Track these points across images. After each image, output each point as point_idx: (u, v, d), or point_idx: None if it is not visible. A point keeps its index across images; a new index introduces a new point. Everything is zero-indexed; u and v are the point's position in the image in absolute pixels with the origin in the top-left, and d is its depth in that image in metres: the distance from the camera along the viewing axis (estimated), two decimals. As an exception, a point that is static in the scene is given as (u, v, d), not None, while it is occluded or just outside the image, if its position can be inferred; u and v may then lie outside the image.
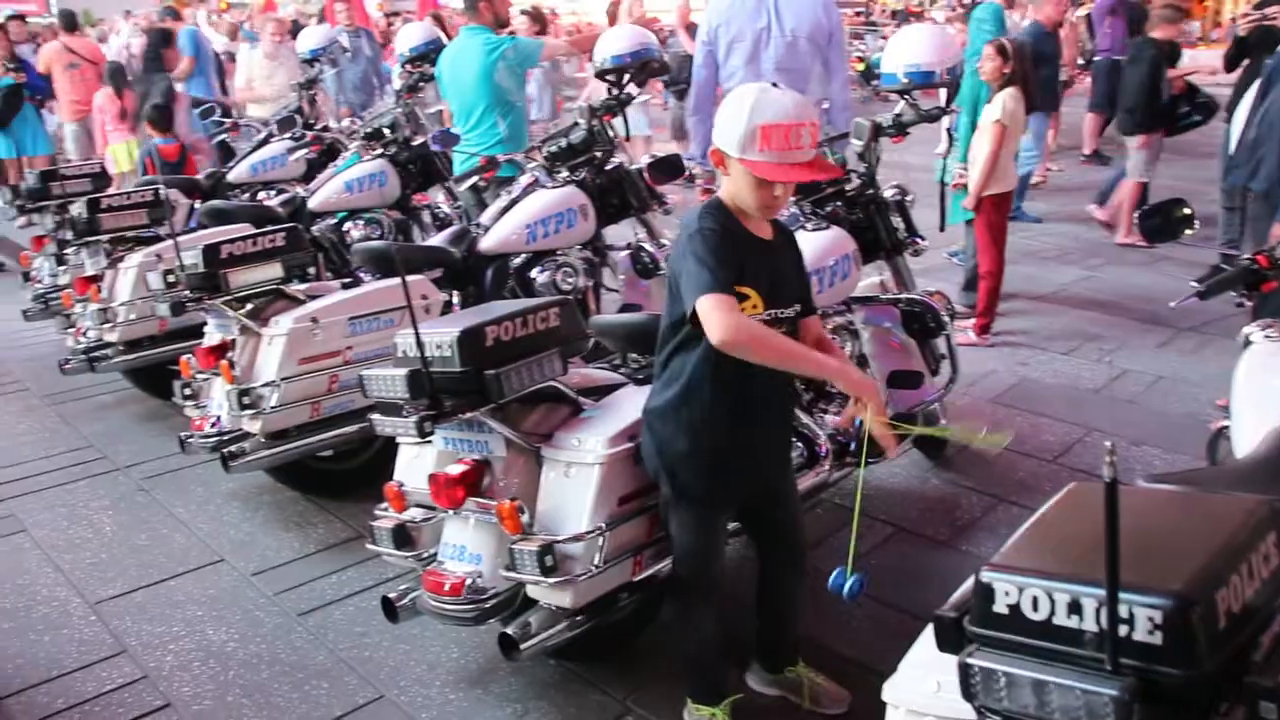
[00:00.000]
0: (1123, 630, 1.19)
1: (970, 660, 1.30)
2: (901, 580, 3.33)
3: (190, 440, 3.78)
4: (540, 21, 8.82)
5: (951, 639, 1.38)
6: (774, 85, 2.26)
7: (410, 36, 5.86)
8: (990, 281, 5.48)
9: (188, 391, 3.92)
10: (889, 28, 20.99)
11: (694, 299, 2.17)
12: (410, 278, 2.93)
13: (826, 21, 4.49)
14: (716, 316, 2.14)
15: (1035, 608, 1.28)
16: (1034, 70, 5.70)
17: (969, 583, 1.65)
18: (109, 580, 3.57)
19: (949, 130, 5.71)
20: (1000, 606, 1.31)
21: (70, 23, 10.19)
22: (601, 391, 2.75)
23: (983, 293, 5.51)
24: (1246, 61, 6.42)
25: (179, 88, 9.26)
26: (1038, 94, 5.78)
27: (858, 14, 23.38)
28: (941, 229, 4.63)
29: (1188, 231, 2.89)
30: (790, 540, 2.65)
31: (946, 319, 3.72)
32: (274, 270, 3.68)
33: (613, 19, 8.64)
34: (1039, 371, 5.15)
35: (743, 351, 2.17)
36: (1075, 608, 1.24)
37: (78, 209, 4.94)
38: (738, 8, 4.52)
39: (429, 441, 2.58)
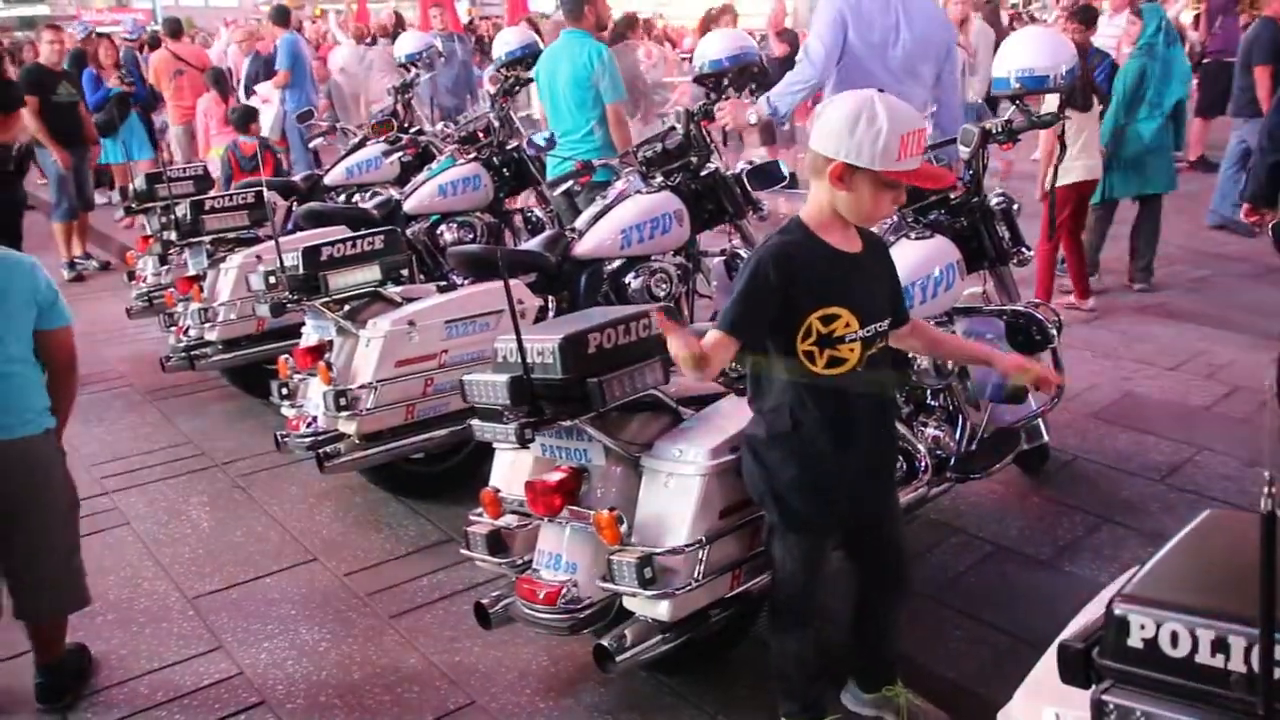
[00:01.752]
0: (1277, 672, 1.13)
1: (1106, 697, 1.25)
2: (1002, 600, 3.24)
3: (286, 439, 3.84)
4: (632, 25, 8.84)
5: (1078, 671, 1.33)
6: (880, 91, 2.23)
7: (507, 41, 5.93)
8: (1073, 256, 5.93)
9: (285, 391, 4.00)
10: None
11: (717, 323, 2.25)
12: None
13: (945, 32, 4.38)
14: (704, 348, 2.21)
15: (1175, 644, 1.23)
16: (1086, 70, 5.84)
17: (1090, 611, 1.60)
18: (206, 575, 3.66)
19: (1060, 137, 5.61)
20: (1135, 641, 1.26)
21: (175, 30, 10.55)
22: (702, 401, 2.73)
23: (1074, 270, 5.95)
24: None
25: (275, 97, 9.54)
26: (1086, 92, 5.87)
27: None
28: (1050, 238, 4.51)
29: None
30: (892, 559, 2.59)
31: (1053, 332, 3.62)
32: (372, 272, 3.74)
33: (703, 29, 8.65)
34: (1144, 387, 4.99)
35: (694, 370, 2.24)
36: (1221, 646, 1.19)
37: (182, 210, 5.09)
38: (869, 3, 4.19)
39: (526, 448, 2.58)
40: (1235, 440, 4.32)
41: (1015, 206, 3.75)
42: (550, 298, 4.27)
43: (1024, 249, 3.73)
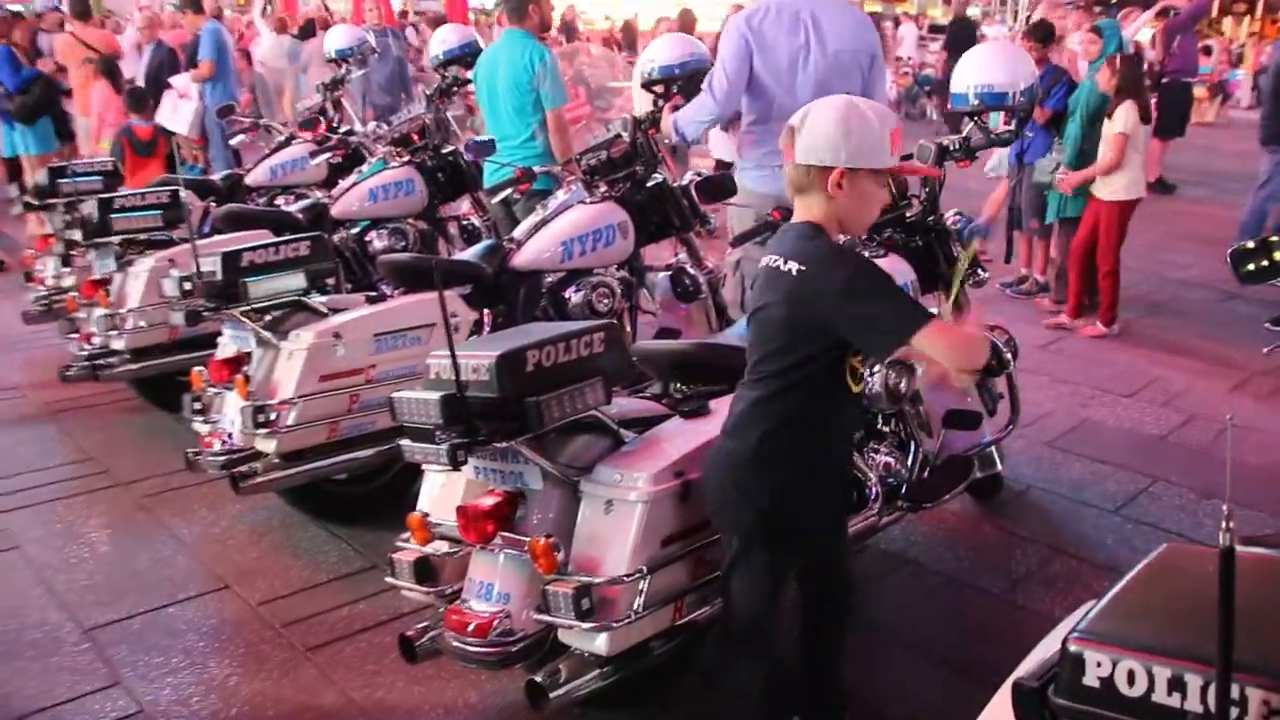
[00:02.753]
0: (1233, 712, 1.16)
1: (1061, 738, 1.27)
2: (954, 634, 3.29)
3: (198, 457, 3.77)
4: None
5: (1033, 710, 1.35)
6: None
7: (444, 38, 5.91)
8: (1112, 280, 6.19)
9: (197, 405, 3.92)
10: (935, 43, 21.04)
11: (909, 332, 2.16)
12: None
13: (868, 40, 4.26)
14: (951, 339, 2.20)
15: (1131, 682, 1.25)
16: (1141, 83, 6.28)
17: (1045, 647, 1.63)
18: (105, 604, 3.57)
19: (1018, 155, 5.81)
20: (1091, 679, 1.28)
21: (83, 11, 10.11)
22: (644, 423, 2.73)
23: (1106, 291, 6.22)
24: None
25: (194, 91, 9.39)
26: (1149, 108, 6.27)
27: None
28: (1007, 260, 4.61)
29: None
30: (842, 586, 2.62)
31: (1008, 356, 3.69)
32: (296, 280, 3.70)
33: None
34: (1100, 414, 5.11)
35: (987, 352, 2.31)
36: (1178, 685, 1.21)
37: (88, 208, 4.98)
38: (771, 19, 4.18)
39: (458, 470, 2.56)
40: (1191, 471, 4.44)
41: (975, 224, 3.83)
42: (486, 311, 4.24)
43: (979, 270, 3.80)
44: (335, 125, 6.50)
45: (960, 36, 12.05)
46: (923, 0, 28.26)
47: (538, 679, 2.43)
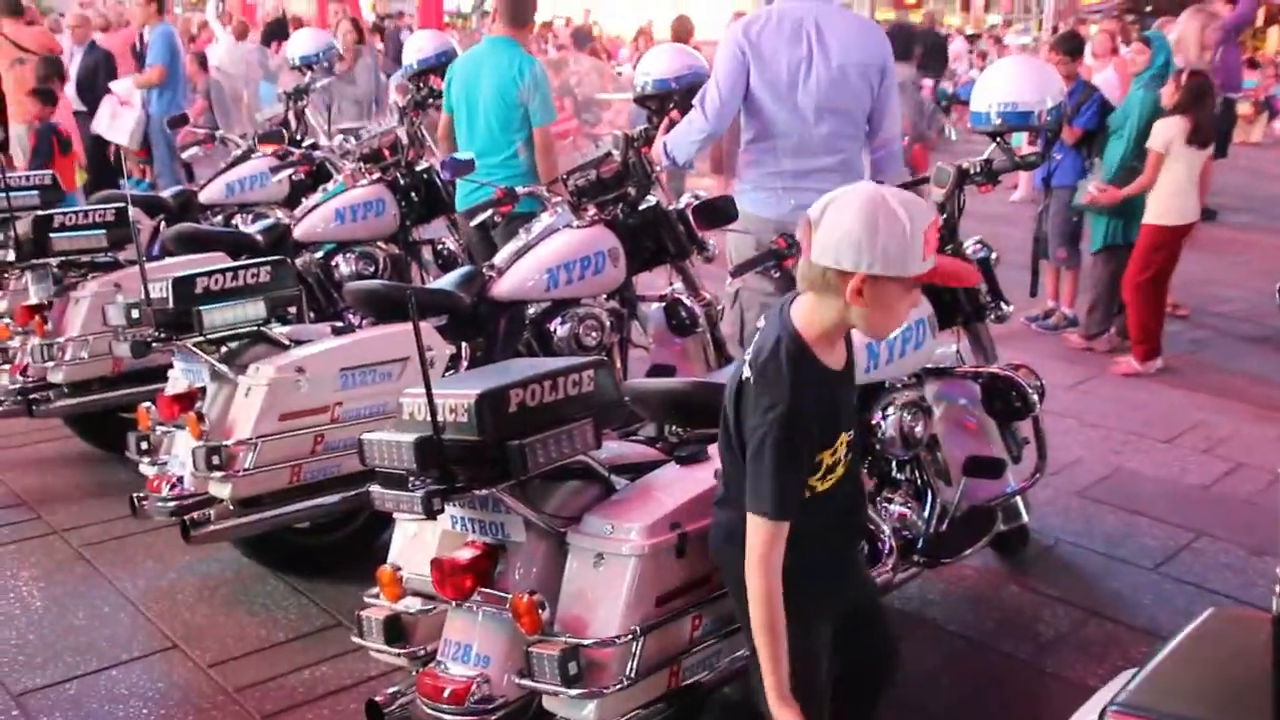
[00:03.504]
0: (1287, 794, 1.16)
1: (1101, 819, 1.28)
2: (976, 704, 3.29)
3: (144, 502, 3.76)
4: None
5: (1067, 790, 1.36)
6: (878, 183, 2.33)
7: (420, 46, 5.96)
8: (1134, 311, 6.32)
9: (144, 445, 3.92)
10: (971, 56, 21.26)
11: (753, 505, 2.22)
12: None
13: (878, 51, 4.24)
14: (762, 548, 2.20)
15: (1175, 759, 1.26)
16: (1204, 101, 6.34)
17: (1082, 718, 1.63)
18: (37, 667, 3.55)
19: (1045, 179, 5.86)
20: (1131, 756, 1.29)
21: (14, 8, 9.89)
22: (637, 469, 2.75)
23: (1133, 322, 6.35)
24: None
25: (137, 98, 9.43)
26: (1205, 129, 6.33)
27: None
28: (1033, 293, 4.64)
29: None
30: (885, 653, 2.66)
31: (1034, 398, 3.71)
32: (255, 309, 3.71)
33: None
34: (1135, 462, 5.13)
35: (754, 595, 2.22)
36: (1227, 763, 1.22)
37: (23, 226, 4.98)
38: (771, 29, 4.19)
39: (434, 519, 2.56)
40: (1238, 525, 4.45)
41: (993, 256, 3.86)
42: (464, 345, 4.27)
43: (1003, 304, 3.84)
44: (298, 138, 6.54)
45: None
46: (937, 9, 28.58)
47: (519, 751, 2.42)
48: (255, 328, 3.76)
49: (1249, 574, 4.04)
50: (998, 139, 3.57)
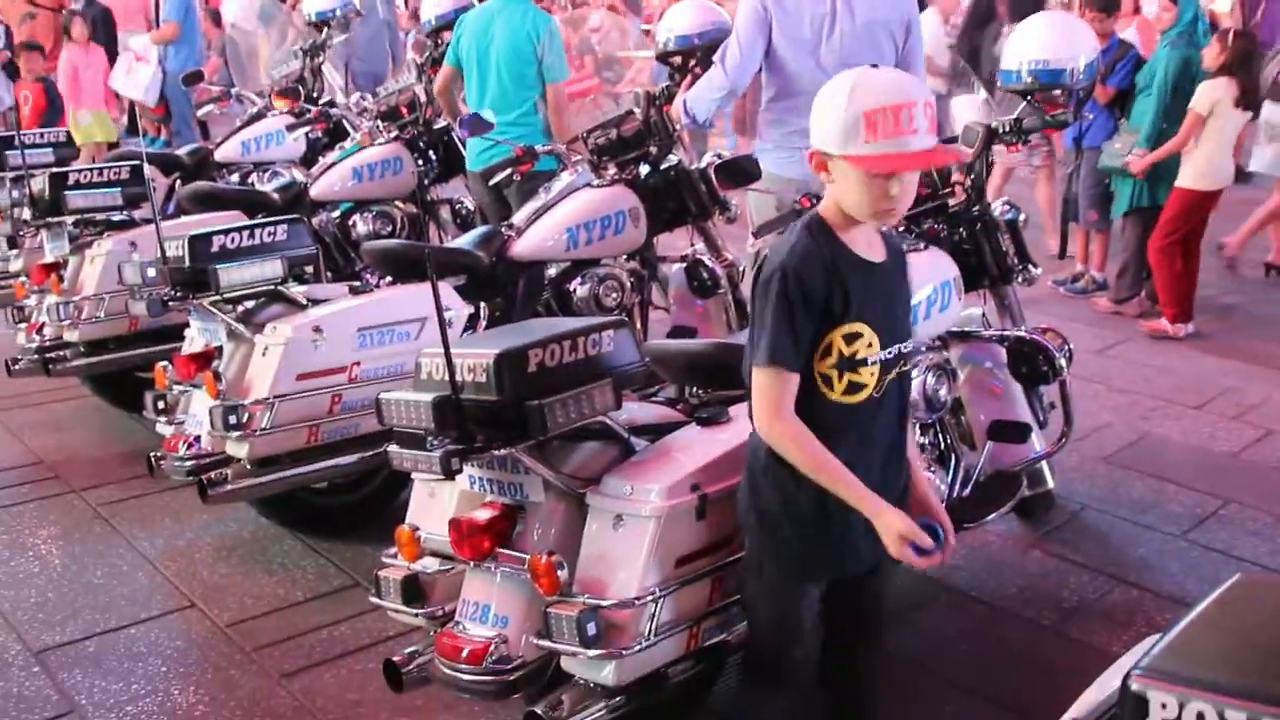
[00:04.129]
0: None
1: (1123, 786, 1.28)
2: (999, 670, 3.30)
3: (162, 462, 3.79)
4: None
5: (1090, 756, 1.37)
6: (873, 67, 2.27)
7: (438, 1, 5.93)
8: (1160, 274, 6.28)
9: (161, 405, 3.95)
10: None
11: (750, 364, 2.24)
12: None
13: (904, 6, 4.25)
14: (765, 398, 2.22)
15: (1201, 727, 1.26)
16: (1252, 63, 6.32)
17: (1101, 686, 1.64)
18: (57, 624, 3.59)
19: (1076, 139, 5.80)
20: (1156, 721, 1.29)
21: None
22: (657, 430, 2.75)
23: (1160, 285, 6.32)
24: None
25: (153, 54, 9.42)
26: (1253, 92, 6.32)
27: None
28: (1061, 255, 4.61)
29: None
30: (873, 613, 2.62)
31: (1062, 362, 3.70)
32: (273, 268, 3.72)
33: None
34: (1164, 428, 5.11)
35: (780, 447, 2.24)
36: (1253, 729, 1.22)
37: (38, 184, 5.00)
38: None
39: (452, 479, 2.58)
40: (1267, 492, 4.44)
41: (1022, 218, 3.84)
42: (482, 304, 4.27)
43: (1030, 266, 3.82)
44: (314, 96, 6.53)
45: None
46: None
47: (538, 711, 2.44)
48: (272, 287, 3.78)
49: (1277, 541, 4.03)
50: (1029, 97, 3.54)
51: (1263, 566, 3.86)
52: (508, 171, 4.76)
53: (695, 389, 3.11)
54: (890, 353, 2.29)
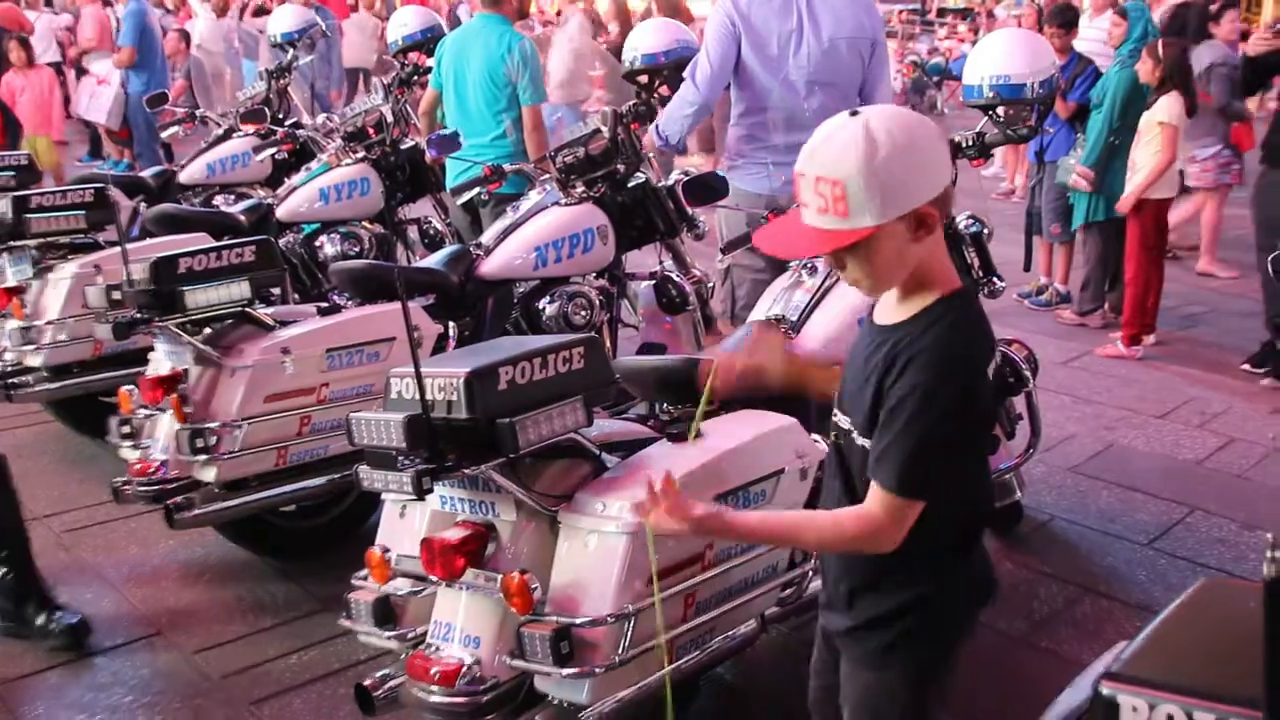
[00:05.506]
0: (1282, 761, 1.18)
1: (1095, 792, 1.29)
2: (969, 682, 3.28)
3: (126, 488, 3.75)
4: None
5: (1062, 760, 1.38)
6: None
7: (405, 22, 5.94)
8: (1136, 289, 6.22)
9: (126, 429, 3.90)
10: (943, 29, 21.26)
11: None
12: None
13: (869, 24, 4.27)
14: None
15: (1170, 729, 1.27)
16: (1191, 75, 6.38)
17: (1073, 693, 1.65)
18: (16, 656, 3.54)
19: (1038, 153, 5.86)
20: (1125, 728, 1.30)
21: None
22: (628, 447, 2.75)
23: (1132, 302, 6.24)
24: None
25: (115, 77, 9.37)
26: (1195, 101, 6.33)
27: (911, 11, 23.63)
28: (1026, 268, 4.66)
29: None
30: None
31: (1027, 373, 3.74)
32: (240, 290, 3.70)
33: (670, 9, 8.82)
34: (1129, 437, 5.16)
35: None
36: (1221, 731, 1.24)
37: (0, 206, 4.96)
38: (759, 5, 4.22)
39: (423, 500, 2.57)
40: (1231, 500, 4.50)
41: (986, 231, 3.87)
42: (451, 324, 4.27)
43: (995, 279, 3.85)
44: (281, 117, 6.52)
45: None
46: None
47: (511, 733, 2.43)
48: (239, 308, 3.75)
49: (1241, 548, 4.08)
50: (990, 112, 3.58)
51: (1228, 573, 3.91)
52: (475, 190, 4.77)
53: (665, 405, 3.11)
54: (836, 415, 2.09)
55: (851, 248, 1.86)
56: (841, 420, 2.06)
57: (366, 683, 2.69)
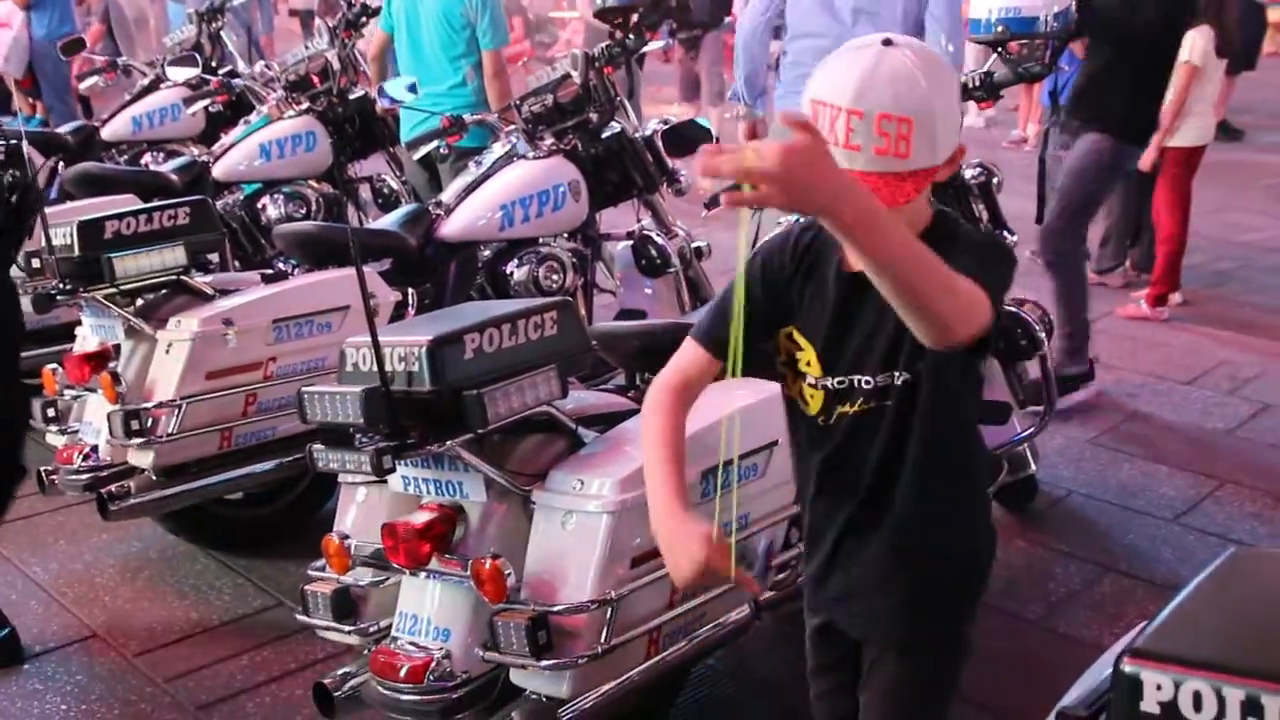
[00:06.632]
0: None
1: (1120, 773, 1.32)
2: (982, 669, 3.32)
3: (53, 477, 3.77)
4: None
5: (1083, 744, 1.41)
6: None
7: (353, -42, 5.91)
8: (1171, 246, 6.33)
9: (51, 412, 3.92)
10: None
11: None
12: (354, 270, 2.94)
13: None
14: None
15: (1198, 707, 1.30)
16: (1231, 8, 6.37)
17: (1094, 674, 1.69)
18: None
19: (1052, 93, 5.86)
20: (1150, 704, 1.33)
21: None
22: (607, 420, 2.78)
23: (1161, 259, 6.36)
24: None
25: (18, 20, 9.27)
26: (1234, 38, 6.38)
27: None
28: (1039, 221, 4.69)
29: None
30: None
31: (1041, 335, 3.77)
32: (175, 256, 3.70)
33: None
34: (1153, 405, 5.21)
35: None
36: (1254, 708, 1.26)
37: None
38: None
39: (384, 481, 2.59)
40: (1265, 471, 4.55)
41: (995, 180, 3.90)
42: (410, 290, 4.28)
43: (1005, 232, 3.88)
44: (214, 65, 6.48)
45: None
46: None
47: (486, 731, 2.47)
48: (174, 277, 3.75)
49: (1276, 523, 4.14)
50: (999, 49, 3.60)
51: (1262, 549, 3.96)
52: (434, 144, 4.77)
53: (647, 374, 3.14)
54: (829, 383, 2.01)
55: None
56: (863, 382, 1.98)
57: (326, 681, 2.72)
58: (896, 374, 1.95)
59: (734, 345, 1.67)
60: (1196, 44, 6.14)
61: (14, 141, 4.83)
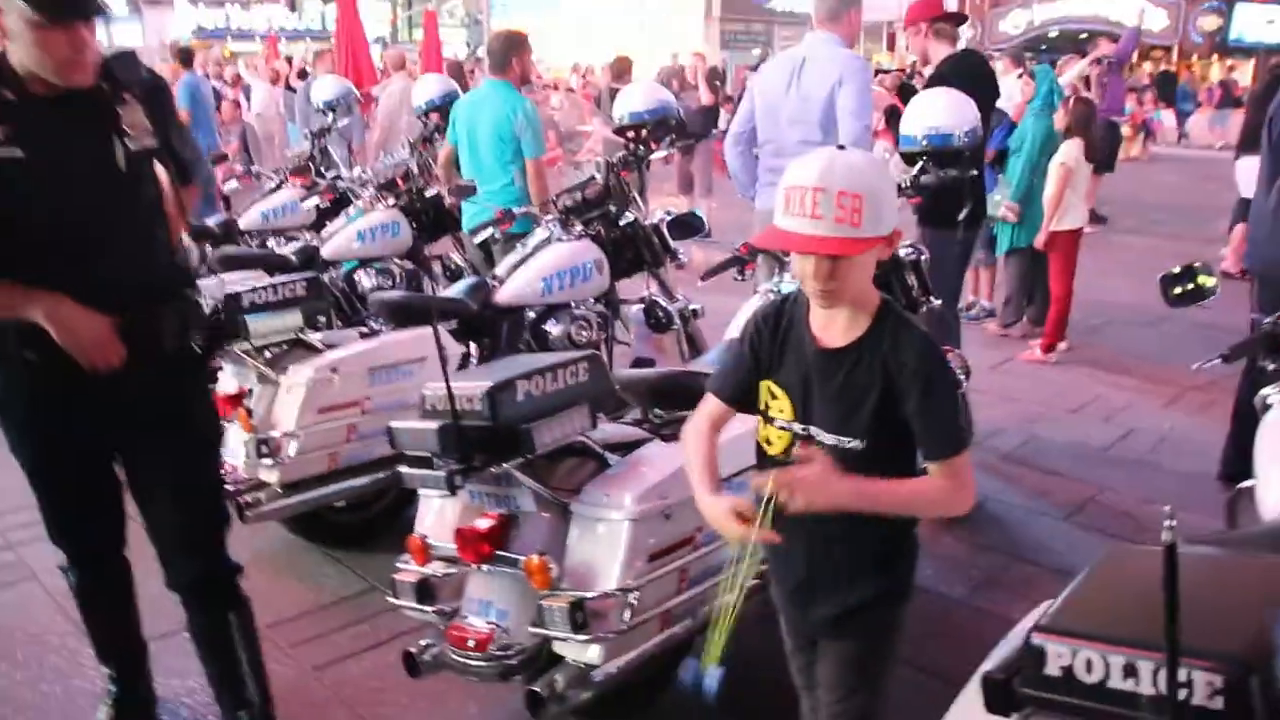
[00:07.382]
0: (1182, 693, 1.21)
1: (1028, 724, 1.32)
2: (919, 638, 3.31)
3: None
4: None
5: (1001, 699, 1.41)
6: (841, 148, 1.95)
7: (428, 88, 5.95)
8: (1060, 305, 6.34)
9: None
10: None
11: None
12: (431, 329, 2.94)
13: (830, 80, 4.32)
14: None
15: (1089, 670, 1.30)
16: (1090, 124, 6.51)
17: (1009, 643, 1.68)
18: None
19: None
20: (1052, 669, 1.32)
21: None
22: (627, 447, 2.77)
23: (1054, 317, 6.36)
24: None
25: None
26: (1098, 149, 6.54)
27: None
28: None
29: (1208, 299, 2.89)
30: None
31: (961, 378, 3.77)
32: (294, 319, 3.71)
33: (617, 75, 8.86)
34: (1047, 429, 5.20)
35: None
36: (1131, 671, 1.26)
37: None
38: (774, 64, 4.68)
39: (454, 494, 2.59)
40: (1133, 479, 4.53)
41: (923, 257, 3.91)
42: (473, 344, 4.28)
43: (931, 299, 3.89)
44: (323, 170, 6.53)
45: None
46: (869, 48, 28.50)
47: (536, 689, 2.45)
48: (294, 335, 3.77)
49: (1142, 520, 4.12)
50: (923, 158, 3.62)
51: (1132, 540, 3.93)
52: (490, 230, 4.78)
53: (657, 410, 3.14)
54: (799, 428, 1.97)
55: (846, 257, 1.83)
56: (821, 436, 1.94)
57: (412, 649, 2.71)
58: (847, 440, 1.92)
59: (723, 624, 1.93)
60: (1070, 151, 6.23)
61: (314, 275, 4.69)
